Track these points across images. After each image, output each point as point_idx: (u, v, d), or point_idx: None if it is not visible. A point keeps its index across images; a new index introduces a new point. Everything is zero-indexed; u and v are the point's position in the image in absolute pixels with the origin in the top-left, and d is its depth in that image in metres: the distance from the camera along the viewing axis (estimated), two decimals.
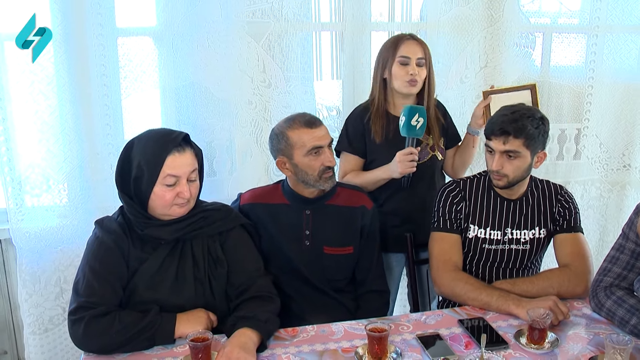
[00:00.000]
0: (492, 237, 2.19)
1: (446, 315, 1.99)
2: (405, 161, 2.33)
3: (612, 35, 3.22)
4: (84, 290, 1.78)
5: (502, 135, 2.02)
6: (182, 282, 1.88)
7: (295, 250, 2.17)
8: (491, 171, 2.11)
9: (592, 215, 3.48)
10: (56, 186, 2.65)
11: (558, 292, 2.01)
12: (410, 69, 2.40)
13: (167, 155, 1.79)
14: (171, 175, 1.80)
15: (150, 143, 1.83)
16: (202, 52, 2.69)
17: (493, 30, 3.01)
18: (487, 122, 2.12)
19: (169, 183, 1.81)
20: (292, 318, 2.04)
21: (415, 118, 2.31)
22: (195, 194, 1.90)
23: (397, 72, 2.42)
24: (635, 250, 1.90)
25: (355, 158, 2.53)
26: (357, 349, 1.74)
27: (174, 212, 1.86)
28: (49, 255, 2.68)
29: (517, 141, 2.01)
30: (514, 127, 2.00)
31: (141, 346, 1.75)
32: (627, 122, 3.38)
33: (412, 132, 2.33)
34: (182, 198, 1.83)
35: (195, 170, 1.87)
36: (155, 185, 1.81)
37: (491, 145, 2.07)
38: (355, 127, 2.51)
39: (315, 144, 2.08)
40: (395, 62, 2.42)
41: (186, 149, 1.84)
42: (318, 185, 2.12)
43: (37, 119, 2.55)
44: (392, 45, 2.44)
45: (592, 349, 1.75)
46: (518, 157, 2.05)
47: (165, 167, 1.79)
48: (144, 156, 1.81)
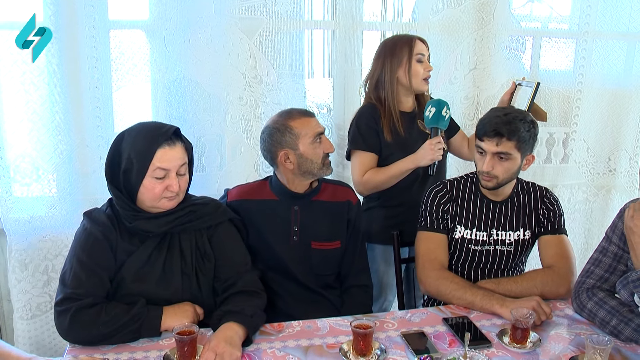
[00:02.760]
0: (478, 238, 2.21)
1: (431, 313, 2.01)
2: (436, 148, 2.39)
3: (600, 41, 3.26)
4: (70, 281, 1.78)
5: (496, 136, 2.04)
6: (170, 275, 1.89)
7: (283, 246, 2.17)
8: (481, 172, 2.12)
9: (578, 219, 3.52)
10: (45, 176, 2.65)
11: (541, 292, 2.04)
12: (426, 66, 2.53)
13: (157, 149, 1.80)
14: (161, 168, 1.80)
15: (141, 136, 1.83)
16: (194, 47, 2.69)
17: (483, 32, 3.04)
18: (478, 123, 2.14)
19: (158, 176, 1.81)
20: (278, 314, 2.06)
21: (445, 110, 2.41)
22: (185, 187, 1.91)
23: (416, 69, 2.52)
24: (617, 253, 1.93)
25: (371, 155, 2.55)
26: (342, 345, 1.75)
27: (163, 205, 1.86)
28: (37, 243, 2.68)
29: (509, 143, 2.03)
30: (507, 128, 2.02)
31: (127, 338, 1.76)
32: (613, 127, 3.43)
33: (441, 123, 2.42)
34: (171, 191, 1.83)
35: (185, 164, 1.88)
36: (144, 178, 1.81)
37: (483, 147, 2.08)
38: (369, 125, 2.54)
39: (318, 131, 2.14)
40: (413, 60, 2.50)
41: (177, 143, 1.84)
42: (321, 173, 2.17)
43: (28, 109, 2.55)
44: (407, 45, 2.52)
45: (573, 349, 1.78)
46: (509, 159, 2.07)
47: (155, 160, 1.80)
48: (134, 149, 1.81)
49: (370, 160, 2.55)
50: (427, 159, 2.41)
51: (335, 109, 3.01)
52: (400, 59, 2.51)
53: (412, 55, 2.50)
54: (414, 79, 2.52)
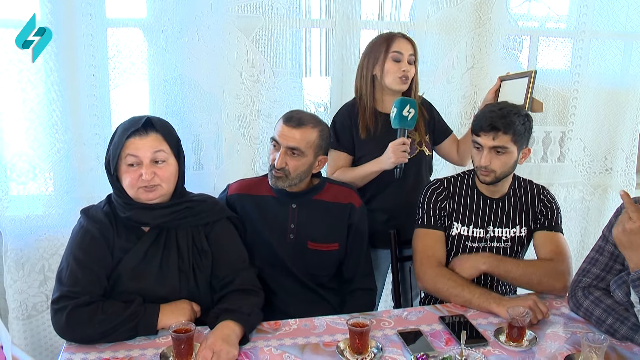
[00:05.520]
0: (475, 235, 2.22)
1: (427, 311, 2.02)
2: (398, 151, 2.36)
3: (597, 40, 3.27)
4: (67, 279, 1.78)
5: (492, 130, 2.05)
6: (166, 272, 1.89)
7: (279, 243, 2.17)
8: (479, 167, 2.13)
9: (574, 218, 3.53)
10: (42, 175, 2.65)
11: (539, 281, 2.06)
12: (402, 66, 2.44)
13: (127, 139, 1.81)
14: (131, 154, 1.81)
15: (120, 127, 1.87)
16: (192, 45, 2.69)
17: (481, 31, 3.05)
18: (474, 119, 2.14)
19: (129, 162, 1.82)
20: (275, 312, 2.06)
21: (407, 109, 2.36)
22: (165, 176, 1.86)
23: (390, 68, 2.45)
24: (614, 252, 1.93)
25: (344, 155, 2.54)
26: (339, 344, 1.75)
27: (142, 195, 1.84)
28: (33, 242, 2.68)
29: (505, 137, 2.05)
30: (503, 122, 2.04)
31: (124, 336, 1.76)
32: (610, 126, 3.44)
33: (404, 123, 2.37)
34: (143, 180, 1.82)
35: (161, 151, 1.84)
36: (118, 166, 1.83)
37: (479, 142, 2.10)
38: (343, 124, 2.53)
39: (275, 137, 2.12)
40: (388, 58, 2.45)
41: (149, 133, 1.83)
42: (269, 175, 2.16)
43: (25, 107, 2.54)
44: (384, 42, 2.46)
45: (569, 347, 1.78)
46: (506, 153, 2.08)
47: (125, 148, 1.81)
48: (113, 139, 1.86)
49: (342, 159, 2.54)
50: (390, 162, 2.38)
51: (333, 108, 3.00)
52: (376, 56, 2.47)
53: (388, 53, 2.44)
54: (386, 77, 2.46)
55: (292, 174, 2.11)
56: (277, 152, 2.09)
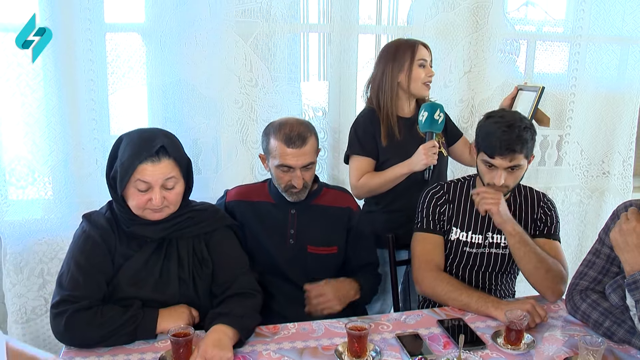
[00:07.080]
0: (474, 241, 2.22)
1: (426, 315, 2.02)
2: (430, 153, 2.39)
3: (594, 44, 3.28)
4: (68, 283, 1.79)
5: (510, 154, 2.02)
6: (166, 280, 1.89)
7: (278, 248, 2.18)
8: (491, 184, 2.10)
9: (572, 221, 3.53)
10: (41, 179, 2.66)
11: (547, 270, 2.05)
12: (428, 71, 2.53)
13: (139, 164, 1.77)
14: (142, 180, 1.79)
15: (130, 147, 1.81)
16: (190, 50, 2.70)
17: (478, 36, 3.05)
18: (483, 140, 2.07)
19: (140, 188, 1.80)
20: (274, 316, 2.06)
21: (437, 113, 2.41)
22: (174, 200, 1.87)
23: (418, 74, 2.51)
24: (610, 255, 1.94)
25: (368, 160, 2.55)
26: (337, 347, 1.76)
27: (148, 215, 1.85)
28: (32, 246, 2.68)
29: (520, 155, 2.03)
30: (519, 143, 2.01)
31: (123, 340, 1.76)
32: (607, 130, 3.45)
33: (435, 126, 2.43)
34: (153, 205, 1.82)
35: (172, 178, 1.83)
36: (126, 188, 1.81)
37: (494, 163, 2.05)
38: (365, 130, 2.55)
39: (286, 163, 2.09)
40: (414, 65, 2.51)
41: (162, 160, 1.80)
42: (284, 194, 2.17)
43: (24, 111, 2.55)
44: (409, 50, 2.52)
45: (567, 350, 1.79)
46: (519, 169, 2.08)
47: (136, 174, 1.78)
48: (122, 158, 1.80)
49: (366, 164, 2.55)
50: (421, 163, 2.40)
51: (331, 112, 3.02)
52: (401, 63, 2.51)
53: (414, 60, 2.50)
54: (413, 83, 2.52)
55: (309, 183, 2.16)
56: (289, 173, 2.10)
